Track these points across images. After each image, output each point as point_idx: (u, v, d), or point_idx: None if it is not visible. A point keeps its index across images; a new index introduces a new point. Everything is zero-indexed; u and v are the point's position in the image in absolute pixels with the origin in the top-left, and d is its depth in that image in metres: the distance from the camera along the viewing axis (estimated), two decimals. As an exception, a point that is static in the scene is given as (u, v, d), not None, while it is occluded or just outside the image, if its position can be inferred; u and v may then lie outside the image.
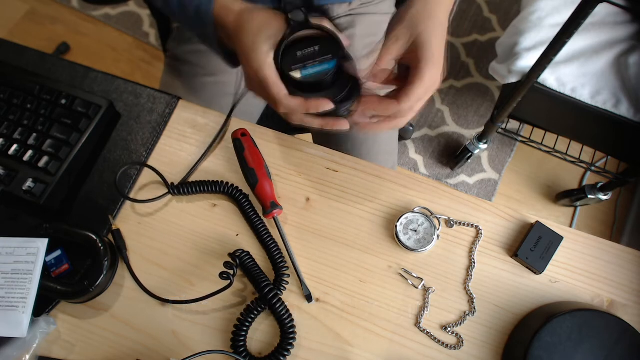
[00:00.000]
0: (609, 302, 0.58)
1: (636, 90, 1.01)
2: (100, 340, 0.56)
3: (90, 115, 0.63)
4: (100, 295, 0.58)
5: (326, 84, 0.52)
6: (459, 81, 1.68)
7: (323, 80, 0.51)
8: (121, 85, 0.68)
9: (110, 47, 1.77)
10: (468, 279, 0.59)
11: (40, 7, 1.84)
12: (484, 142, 1.40)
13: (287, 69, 0.51)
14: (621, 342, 0.52)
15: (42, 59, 0.70)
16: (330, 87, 0.52)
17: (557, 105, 1.09)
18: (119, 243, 0.59)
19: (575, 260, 0.59)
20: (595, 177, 1.54)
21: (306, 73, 0.51)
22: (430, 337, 0.56)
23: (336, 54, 0.51)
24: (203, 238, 0.60)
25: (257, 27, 0.52)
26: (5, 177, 0.60)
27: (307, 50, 0.51)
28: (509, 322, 0.57)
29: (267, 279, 0.56)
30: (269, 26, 0.52)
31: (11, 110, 0.63)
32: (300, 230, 0.61)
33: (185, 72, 0.83)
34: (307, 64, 0.51)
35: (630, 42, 1.06)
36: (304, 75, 0.51)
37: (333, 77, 0.51)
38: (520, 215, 0.62)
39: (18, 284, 0.54)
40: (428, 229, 0.59)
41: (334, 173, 0.64)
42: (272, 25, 0.52)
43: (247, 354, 0.54)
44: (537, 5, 1.11)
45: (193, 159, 0.64)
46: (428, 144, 1.60)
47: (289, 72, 0.51)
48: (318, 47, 0.51)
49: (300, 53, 0.51)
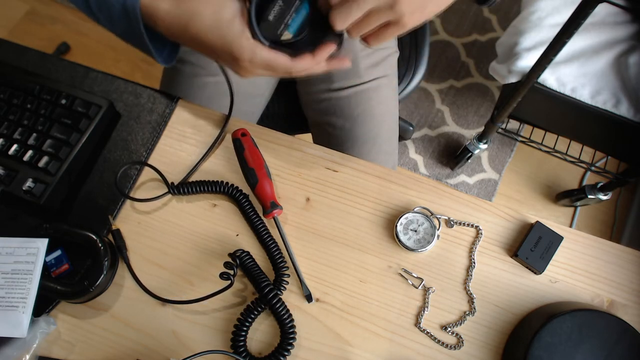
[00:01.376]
0: (609, 302, 0.58)
1: (636, 90, 1.01)
2: (100, 340, 0.56)
3: (90, 115, 0.63)
4: (100, 295, 0.58)
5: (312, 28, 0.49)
6: (459, 81, 1.68)
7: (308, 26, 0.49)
8: (121, 85, 0.68)
9: (110, 47, 1.77)
10: (468, 279, 0.59)
11: (40, 7, 1.84)
12: (484, 142, 1.40)
13: (277, 36, 0.48)
14: (621, 342, 0.52)
15: (42, 59, 0.70)
16: (316, 28, 0.49)
17: (557, 105, 1.09)
18: (119, 243, 0.59)
19: (575, 260, 0.59)
20: (595, 177, 1.54)
21: (293, 30, 0.48)
22: (430, 337, 0.56)
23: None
24: (203, 238, 0.60)
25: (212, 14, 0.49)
26: (5, 177, 0.60)
27: (275, 9, 0.48)
28: (509, 322, 0.57)
29: (267, 279, 0.56)
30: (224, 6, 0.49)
31: (11, 110, 0.63)
32: (300, 230, 0.61)
33: (185, 72, 0.83)
34: (286, 21, 0.48)
35: (630, 42, 1.06)
36: (293, 33, 0.48)
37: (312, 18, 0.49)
38: (520, 215, 0.62)
39: (18, 284, 0.54)
40: (428, 229, 0.59)
41: (334, 173, 0.64)
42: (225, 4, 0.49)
43: (247, 354, 0.54)
44: (537, 5, 1.11)
45: (193, 159, 0.64)
46: (428, 144, 1.60)
47: (280, 38, 0.48)
48: (281, 1, 0.48)
49: (272, 16, 0.48)
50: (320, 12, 0.50)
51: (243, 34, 0.49)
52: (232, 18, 0.49)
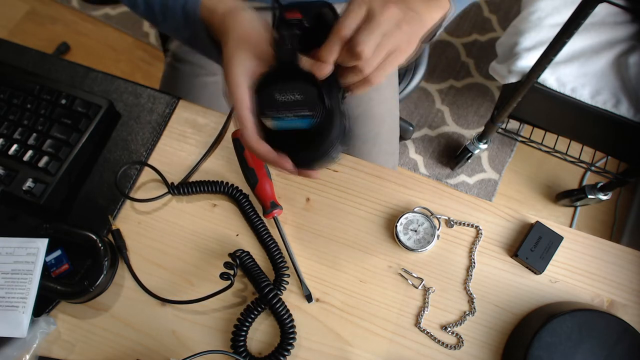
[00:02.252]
0: (609, 302, 0.58)
1: (636, 90, 1.01)
2: (100, 340, 0.56)
3: (90, 115, 0.63)
4: (100, 295, 0.58)
5: (297, 139, 0.46)
6: (459, 81, 1.68)
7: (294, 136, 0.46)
8: (121, 85, 0.68)
9: (110, 47, 1.77)
10: (468, 279, 0.59)
11: (40, 7, 1.84)
12: (484, 142, 1.40)
13: (261, 112, 0.46)
14: (621, 342, 0.52)
15: (42, 59, 0.70)
16: (301, 141, 0.46)
17: (557, 105, 1.09)
18: (119, 243, 0.59)
19: (575, 260, 0.59)
20: (595, 177, 1.54)
21: (279, 124, 0.46)
22: (430, 337, 0.56)
23: (316, 114, 0.45)
24: (203, 238, 0.60)
25: (237, 39, 0.48)
26: (5, 177, 0.60)
27: (288, 96, 0.45)
28: (509, 322, 0.57)
29: (267, 279, 0.56)
30: (248, 40, 0.48)
31: (11, 110, 0.63)
32: (300, 230, 0.61)
33: (185, 72, 0.83)
34: (282, 113, 0.45)
35: (630, 42, 1.06)
36: (275, 125, 0.46)
37: (308, 133, 0.46)
38: (520, 215, 0.62)
39: (18, 284, 0.54)
40: (428, 229, 0.59)
41: (334, 173, 0.64)
42: (253, 37, 0.48)
43: (247, 354, 0.54)
44: (537, 5, 1.11)
45: (193, 159, 0.64)
46: (428, 144, 1.60)
47: (262, 116, 0.46)
48: (300, 97, 0.45)
49: (280, 97, 0.45)
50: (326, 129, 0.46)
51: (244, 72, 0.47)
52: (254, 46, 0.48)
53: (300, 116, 0.45)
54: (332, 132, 0.46)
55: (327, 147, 0.46)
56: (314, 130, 0.45)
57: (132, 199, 0.61)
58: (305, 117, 0.45)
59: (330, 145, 0.46)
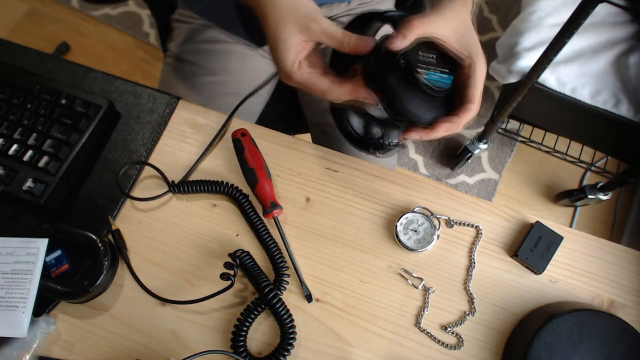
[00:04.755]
0: (609, 302, 0.58)
1: (636, 90, 1.01)
2: (100, 340, 0.56)
3: (90, 115, 0.63)
4: (100, 295, 0.58)
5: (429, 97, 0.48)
6: (459, 81, 1.67)
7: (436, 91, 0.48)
8: (121, 85, 0.68)
9: (110, 47, 1.77)
10: (468, 279, 0.59)
11: (40, 7, 1.84)
12: (484, 142, 1.40)
13: (414, 67, 0.47)
14: (621, 342, 0.52)
15: (42, 59, 0.70)
16: (427, 101, 0.48)
17: (557, 105, 1.09)
18: (119, 243, 0.59)
19: (575, 260, 0.59)
20: (595, 177, 1.54)
21: (430, 78, 0.47)
22: (430, 337, 0.56)
23: (453, 70, 0.48)
24: (203, 238, 0.60)
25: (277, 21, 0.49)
26: (5, 177, 0.60)
27: (428, 55, 0.48)
28: (509, 322, 0.57)
29: (267, 279, 0.56)
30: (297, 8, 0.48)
31: (11, 110, 0.63)
32: (300, 230, 0.61)
33: (185, 71, 0.83)
34: (430, 68, 0.47)
35: (630, 42, 1.07)
36: (428, 79, 0.47)
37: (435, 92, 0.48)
38: (520, 215, 0.62)
39: (18, 284, 0.54)
40: (428, 229, 0.59)
41: (334, 173, 0.64)
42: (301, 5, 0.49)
43: (247, 354, 0.54)
44: (537, 5, 1.11)
45: (193, 159, 0.64)
46: (428, 144, 1.60)
47: (415, 71, 0.47)
48: (436, 56, 0.48)
49: (422, 55, 0.47)
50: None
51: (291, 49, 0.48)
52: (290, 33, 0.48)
53: (444, 71, 0.48)
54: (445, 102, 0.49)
55: (436, 113, 0.49)
56: (441, 94, 0.48)
57: (133, 197, 0.61)
58: (446, 73, 0.48)
59: (436, 113, 0.49)
